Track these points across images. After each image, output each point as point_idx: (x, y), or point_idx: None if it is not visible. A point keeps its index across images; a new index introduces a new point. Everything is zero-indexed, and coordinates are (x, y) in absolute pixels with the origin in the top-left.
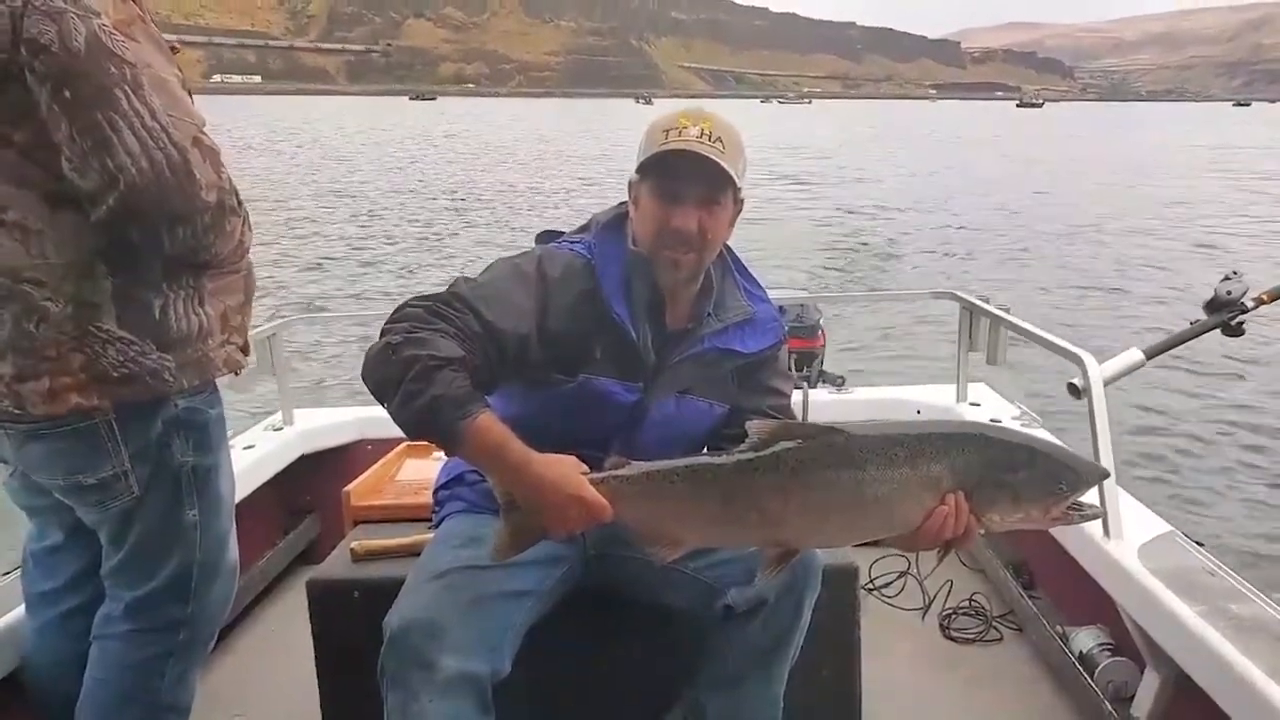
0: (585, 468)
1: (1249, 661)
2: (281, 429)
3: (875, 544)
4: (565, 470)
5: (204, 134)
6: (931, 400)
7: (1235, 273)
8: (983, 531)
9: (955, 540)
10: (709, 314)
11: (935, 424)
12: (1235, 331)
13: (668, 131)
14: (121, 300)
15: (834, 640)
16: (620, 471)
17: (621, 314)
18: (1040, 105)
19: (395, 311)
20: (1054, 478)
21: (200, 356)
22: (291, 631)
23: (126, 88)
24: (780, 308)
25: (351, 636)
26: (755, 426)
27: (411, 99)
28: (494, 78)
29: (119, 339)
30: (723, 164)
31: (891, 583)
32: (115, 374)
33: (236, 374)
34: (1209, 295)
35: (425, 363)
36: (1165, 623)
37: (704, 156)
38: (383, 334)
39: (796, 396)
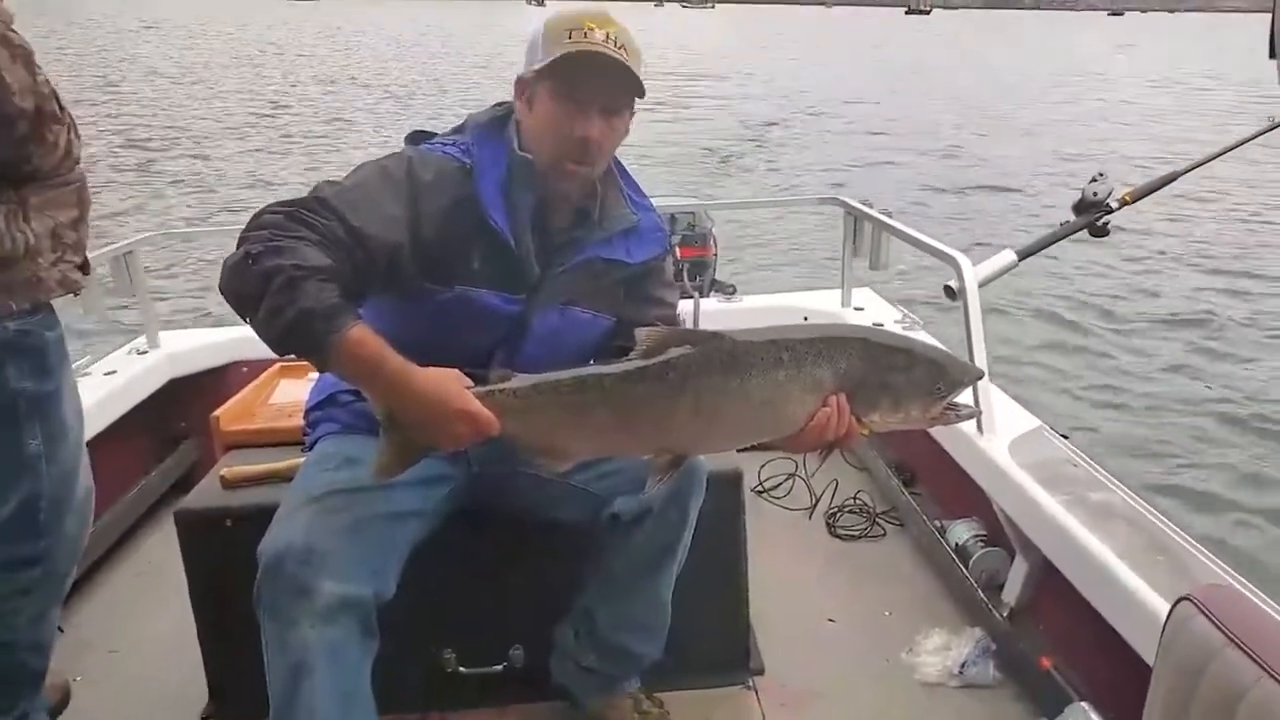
0: (469, 381)
1: (1104, 546)
2: (147, 352)
3: (763, 447)
4: (448, 384)
5: (13, 31)
6: (818, 306)
7: (1101, 174)
8: (866, 433)
9: (838, 441)
10: (594, 223)
11: (818, 328)
12: (1101, 232)
13: (571, 32)
14: None
15: (721, 542)
16: (506, 385)
17: (501, 222)
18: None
19: (253, 219)
20: (932, 379)
21: (30, 276)
22: (166, 563)
23: None
24: (672, 216)
25: (225, 566)
26: (643, 334)
27: None
28: None
29: None
30: (635, 71)
31: (780, 484)
32: None
33: (75, 294)
34: (1077, 197)
35: (290, 273)
36: (1030, 513)
37: (615, 60)
38: (240, 243)
39: (688, 306)
